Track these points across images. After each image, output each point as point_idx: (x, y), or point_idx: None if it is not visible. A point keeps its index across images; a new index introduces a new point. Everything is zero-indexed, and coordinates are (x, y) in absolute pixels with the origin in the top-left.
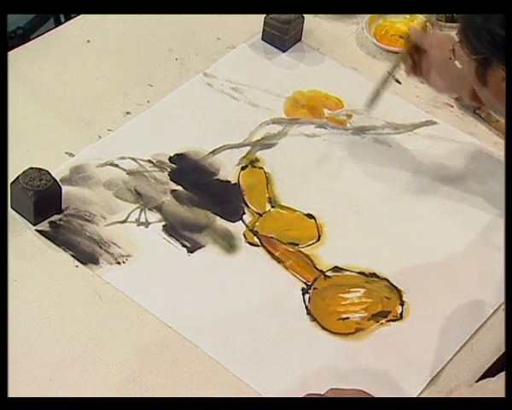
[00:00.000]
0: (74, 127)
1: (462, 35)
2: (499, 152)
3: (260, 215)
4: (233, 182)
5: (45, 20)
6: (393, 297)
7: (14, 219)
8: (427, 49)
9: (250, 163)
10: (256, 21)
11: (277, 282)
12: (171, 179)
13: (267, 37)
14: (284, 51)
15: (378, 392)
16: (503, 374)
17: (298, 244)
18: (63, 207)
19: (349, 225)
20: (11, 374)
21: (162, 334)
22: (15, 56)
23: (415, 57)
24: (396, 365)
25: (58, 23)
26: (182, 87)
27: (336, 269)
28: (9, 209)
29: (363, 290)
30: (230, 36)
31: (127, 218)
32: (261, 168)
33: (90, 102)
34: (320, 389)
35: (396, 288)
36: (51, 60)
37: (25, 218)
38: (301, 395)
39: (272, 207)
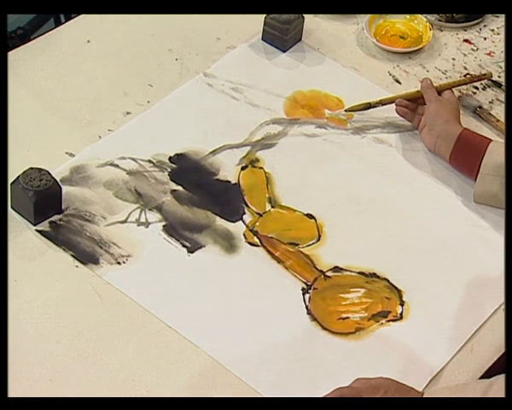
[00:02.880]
0: (74, 127)
1: None
2: None
3: (260, 215)
4: (233, 182)
5: (45, 20)
6: (393, 297)
7: (14, 219)
8: (426, 102)
9: (250, 163)
10: (256, 21)
11: (277, 282)
12: (171, 179)
13: (267, 37)
14: (284, 51)
15: None
16: None
17: (298, 244)
18: (63, 207)
19: (349, 225)
20: (11, 374)
21: (162, 334)
22: (15, 56)
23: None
24: (396, 365)
25: (58, 23)
26: (182, 87)
27: (336, 269)
28: (9, 209)
29: (363, 290)
30: (230, 36)
31: (127, 218)
32: (261, 168)
33: (90, 102)
34: (320, 388)
35: (396, 288)
36: (51, 60)
37: (25, 218)
38: (301, 395)
39: (272, 207)
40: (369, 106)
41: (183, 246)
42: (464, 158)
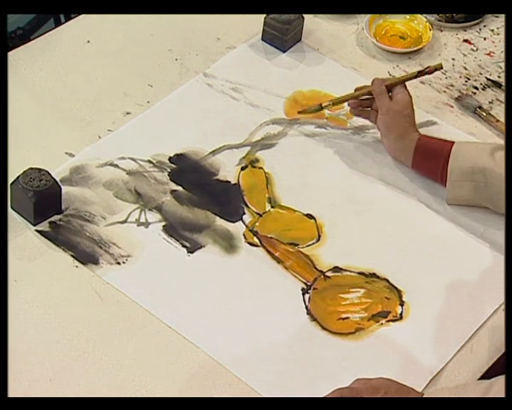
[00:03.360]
0: (74, 127)
1: None
2: None
3: (260, 215)
4: (233, 182)
5: (45, 20)
6: (393, 297)
7: (14, 219)
8: (378, 108)
9: (250, 163)
10: (256, 21)
11: (277, 282)
12: (171, 179)
13: (267, 37)
14: (284, 51)
15: None
16: None
17: (298, 244)
18: (63, 207)
19: (349, 225)
20: (11, 374)
21: (162, 334)
22: (15, 57)
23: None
24: (396, 365)
25: (58, 23)
26: (182, 87)
27: (336, 269)
28: (9, 209)
29: (363, 291)
30: (230, 36)
31: (127, 218)
32: (261, 168)
33: (90, 102)
34: (320, 388)
35: (396, 288)
36: (51, 60)
37: (25, 218)
38: (301, 395)
39: (272, 207)
40: (320, 108)
41: (183, 246)
42: (427, 168)
